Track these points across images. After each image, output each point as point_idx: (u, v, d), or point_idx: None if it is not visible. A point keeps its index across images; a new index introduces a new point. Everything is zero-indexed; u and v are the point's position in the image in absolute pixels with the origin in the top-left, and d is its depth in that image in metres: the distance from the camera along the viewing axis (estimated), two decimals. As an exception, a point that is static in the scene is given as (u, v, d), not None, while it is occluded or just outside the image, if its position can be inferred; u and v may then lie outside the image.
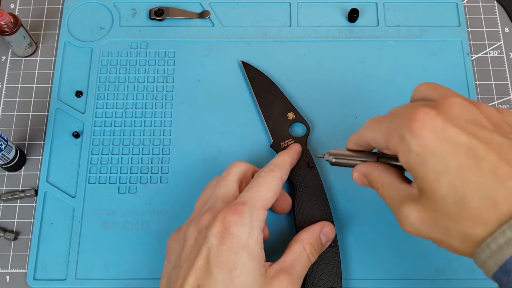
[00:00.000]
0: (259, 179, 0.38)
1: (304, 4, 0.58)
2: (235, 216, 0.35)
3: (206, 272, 0.33)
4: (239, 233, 0.34)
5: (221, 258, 0.34)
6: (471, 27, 0.57)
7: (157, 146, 0.51)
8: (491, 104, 0.54)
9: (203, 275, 0.33)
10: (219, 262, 0.33)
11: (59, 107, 0.53)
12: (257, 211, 0.36)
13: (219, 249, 0.34)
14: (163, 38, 0.56)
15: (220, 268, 0.33)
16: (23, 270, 0.48)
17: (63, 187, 0.50)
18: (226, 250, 0.34)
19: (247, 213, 0.35)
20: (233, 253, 0.34)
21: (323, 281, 0.42)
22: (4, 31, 0.51)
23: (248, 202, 0.36)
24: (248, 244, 0.34)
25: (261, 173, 0.39)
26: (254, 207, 0.36)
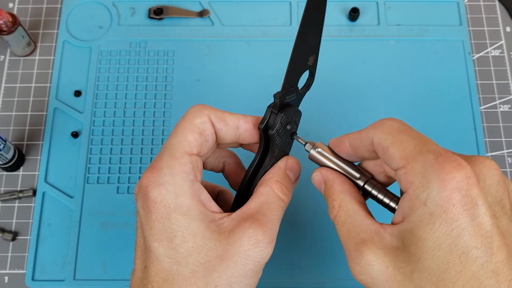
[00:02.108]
0: (177, 125, 0.31)
1: (304, 3, 0.57)
2: (151, 177, 0.28)
3: (146, 250, 0.29)
4: (162, 196, 0.28)
5: (154, 230, 0.28)
6: (472, 26, 0.57)
7: (157, 146, 0.51)
8: (491, 104, 0.54)
9: (145, 253, 0.29)
10: (153, 235, 0.28)
11: (57, 106, 0.53)
12: (178, 161, 0.29)
13: (149, 220, 0.28)
14: (162, 37, 0.55)
15: (157, 241, 0.28)
16: (22, 270, 0.47)
17: (62, 187, 0.50)
18: (155, 220, 0.28)
19: (165, 168, 0.29)
20: (165, 220, 0.28)
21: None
22: (3, 31, 0.51)
23: (164, 153, 0.29)
24: (179, 204, 0.28)
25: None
26: (172, 157, 0.29)
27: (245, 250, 0.28)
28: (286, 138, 0.34)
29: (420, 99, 0.53)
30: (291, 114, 0.34)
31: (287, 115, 0.33)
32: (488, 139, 0.52)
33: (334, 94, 0.53)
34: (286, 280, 0.46)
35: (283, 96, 0.33)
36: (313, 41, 0.35)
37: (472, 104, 0.53)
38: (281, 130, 0.33)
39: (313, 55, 0.35)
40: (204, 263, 0.28)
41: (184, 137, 0.30)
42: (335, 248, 0.47)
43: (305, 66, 0.35)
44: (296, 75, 0.34)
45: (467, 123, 0.52)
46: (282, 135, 0.34)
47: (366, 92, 0.53)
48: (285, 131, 0.34)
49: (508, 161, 0.51)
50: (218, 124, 0.33)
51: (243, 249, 0.28)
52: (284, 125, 0.34)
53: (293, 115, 0.34)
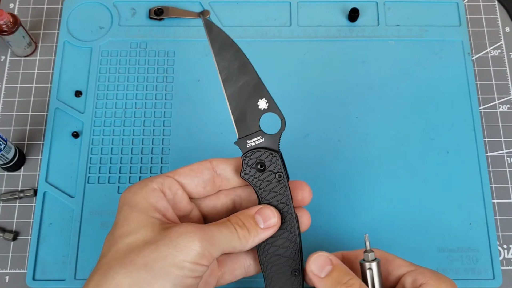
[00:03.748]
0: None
1: (304, 4, 0.57)
2: (128, 186, 0.35)
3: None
4: (124, 195, 0.34)
5: (115, 221, 0.34)
6: (472, 26, 0.57)
7: (157, 146, 0.51)
8: (491, 104, 0.54)
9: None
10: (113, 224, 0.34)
11: (58, 107, 0.53)
12: (157, 177, 0.35)
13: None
14: (162, 37, 0.56)
15: (112, 227, 0.34)
16: (22, 270, 0.47)
17: (63, 187, 0.50)
18: (117, 214, 0.34)
19: (142, 180, 0.35)
20: (118, 213, 0.34)
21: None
22: (4, 31, 0.51)
23: (157, 175, 0.36)
24: (131, 199, 0.34)
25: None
26: (157, 176, 0.35)
27: (173, 240, 0.31)
28: (272, 178, 0.35)
29: (419, 99, 0.53)
30: (258, 156, 0.35)
31: (250, 157, 0.35)
32: (487, 139, 0.52)
33: (334, 94, 0.53)
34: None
35: (242, 142, 0.36)
36: (247, 86, 0.37)
37: (472, 104, 0.53)
38: (252, 172, 0.35)
39: (263, 99, 0.36)
40: (130, 243, 0.31)
41: (180, 169, 0.36)
42: (336, 248, 0.47)
43: (257, 110, 0.36)
44: (249, 120, 0.36)
45: (466, 123, 0.52)
46: (263, 177, 0.35)
47: (366, 92, 0.53)
48: (259, 172, 0.35)
49: (508, 161, 0.52)
50: (170, 193, 0.35)
51: (172, 239, 0.31)
52: (255, 167, 0.35)
53: (262, 156, 0.35)
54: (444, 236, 0.48)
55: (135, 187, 0.35)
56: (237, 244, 0.34)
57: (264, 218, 0.35)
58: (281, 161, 0.35)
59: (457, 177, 0.50)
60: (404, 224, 0.48)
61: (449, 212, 0.49)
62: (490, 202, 0.49)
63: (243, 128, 0.36)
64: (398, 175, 0.50)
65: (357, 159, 0.51)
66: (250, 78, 0.37)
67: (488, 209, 0.49)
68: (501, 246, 0.48)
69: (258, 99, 0.36)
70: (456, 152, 0.51)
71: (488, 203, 0.49)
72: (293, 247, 0.35)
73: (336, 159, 0.51)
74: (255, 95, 0.36)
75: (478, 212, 0.49)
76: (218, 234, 0.33)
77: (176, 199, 0.36)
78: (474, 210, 0.49)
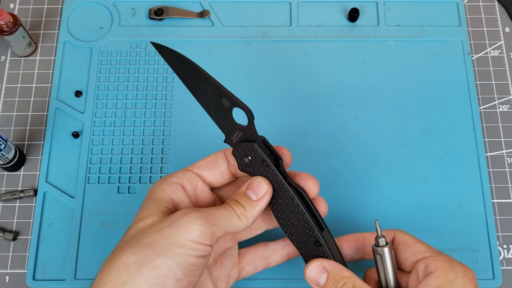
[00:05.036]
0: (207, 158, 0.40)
1: (304, 4, 0.57)
2: (157, 181, 0.38)
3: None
4: (149, 190, 0.38)
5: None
6: (472, 26, 0.57)
7: (157, 146, 0.51)
8: (491, 104, 0.54)
9: None
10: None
11: (58, 107, 0.53)
12: (178, 172, 0.38)
13: None
14: (162, 37, 0.56)
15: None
16: (23, 270, 0.47)
17: (63, 187, 0.50)
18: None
19: (167, 176, 0.38)
20: (141, 205, 0.37)
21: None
22: (4, 31, 0.51)
23: (177, 171, 0.39)
24: (151, 192, 0.37)
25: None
26: (179, 171, 0.38)
27: (175, 221, 0.33)
28: (259, 166, 0.37)
29: (419, 100, 0.53)
30: (241, 149, 0.37)
31: (239, 152, 0.37)
32: (487, 139, 0.52)
33: (334, 94, 0.53)
34: (286, 279, 0.46)
35: (228, 139, 0.38)
36: (208, 90, 0.39)
37: (471, 104, 0.53)
38: (245, 165, 0.38)
39: (223, 97, 0.38)
40: (139, 227, 0.34)
41: (198, 162, 0.39)
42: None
43: (225, 109, 0.38)
44: (225, 119, 0.39)
45: (466, 123, 0.52)
46: (253, 167, 0.37)
47: (366, 92, 0.53)
48: (250, 163, 0.37)
49: (508, 161, 0.52)
50: (189, 186, 0.38)
51: (174, 220, 0.33)
52: (243, 159, 0.37)
53: (245, 149, 0.37)
54: (444, 236, 0.48)
55: (158, 181, 0.38)
56: (237, 222, 0.35)
57: (254, 191, 0.37)
58: (260, 147, 0.37)
59: (457, 177, 0.50)
60: (404, 224, 0.48)
61: (449, 212, 0.49)
62: (490, 202, 0.49)
63: (225, 127, 0.39)
64: (398, 175, 0.50)
65: (357, 159, 0.51)
66: (207, 83, 0.39)
67: (488, 209, 0.49)
68: (501, 246, 0.48)
69: (221, 99, 0.38)
70: (456, 152, 0.51)
71: (488, 203, 0.49)
72: (303, 217, 0.37)
73: (336, 159, 0.51)
74: (217, 97, 0.38)
75: (478, 212, 0.49)
76: (218, 215, 0.34)
77: (197, 192, 0.38)
78: (474, 210, 0.49)
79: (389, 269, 0.36)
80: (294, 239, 0.37)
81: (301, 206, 0.37)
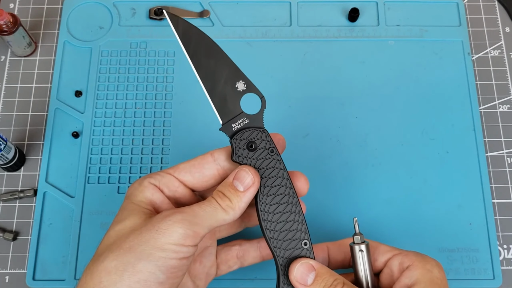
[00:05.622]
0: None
1: (304, 4, 0.57)
2: (134, 181, 0.38)
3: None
4: (127, 191, 0.37)
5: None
6: (472, 26, 0.57)
7: (157, 146, 0.51)
8: (491, 104, 0.54)
9: None
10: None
11: (58, 107, 0.53)
12: (156, 173, 0.37)
13: None
14: (162, 37, 0.56)
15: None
16: (22, 270, 0.47)
17: (63, 187, 0.50)
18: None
19: (145, 176, 0.37)
20: (122, 205, 0.36)
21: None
22: (4, 31, 0.51)
23: (159, 171, 0.38)
24: (131, 193, 0.36)
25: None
26: (158, 172, 0.37)
27: (155, 225, 0.32)
28: (265, 155, 0.36)
29: (419, 100, 0.53)
30: (247, 136, 0.36)
31: (241, 139, 0.36)
32: (487, 139, 0.52)
33: (334, 94, 0.53)
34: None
35: (227, 126, 0.36)
36: (222, 70, 0.37)
37: (472, 104, 0.53)
38: (244, 153, 0.36)
39: (240, 81, 0.37)
40: (119, 230, 0.34)
41: (180, 164, 0.38)
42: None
43: (236, 93, 0.37)
44: (230, 104, 0.37)
45: (466, 123, 0.52)
46: (255, 156, 0.36)
47: (366, 92, 0.53)
48: (251, 152, 0.36)
49: (508, 161, 0.52)
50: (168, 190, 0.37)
51: (154, 224, 0.32)
52: (245, 147, 0.36)
53: (251, 135, 0.36)
54: (444, 236, 0.48)
55: (136, 182, 0.37)
56: (224, 215, 0.34)
57: (241, 181, 0.35)
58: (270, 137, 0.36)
59: (457, 177, 0.50)
60: (404, 224, 0.48)
61: (449, 212, 0.49)
62: (490, 202, 0.49)
63: (226, 113, 0.37)
64: (398, 175, 0.50)
65: (357, 159, 0.51)
66: (224, 63, 0.37)
67: (488, 209, 0.49)
68: (501, 246, 0.48)
69: (236, 82, 0.37)
70: (456, 152, 0.51)
71: (488, 203, 0.49)
72: (299, 218, 0.36)
73: (336, 159, 0.51)
74: (232, 79, 0.37)
75: (478, 212, 0.49)
76: (201, 212, 0.34)
77: (176, 195, 0.37)
78: (474, 210, 0.49)
79: (367, 266, 0.36)
80: (274, 238, 0.35)
81: (299, 204, 0.36)
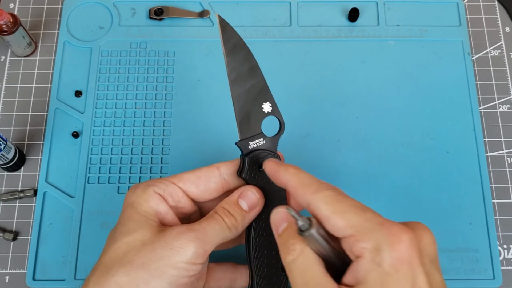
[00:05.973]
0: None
1: (304, 4, 0.57)
2: (133, 186, 0.37)
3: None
4: (128, 196, 0.36)
5: (118, 220, 0.36)
6: (472, 26, 0.57)
7: (157, 146, 0.51)
8: (491, 104, 0.54)
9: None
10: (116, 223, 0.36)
11: (58, 107, 0.53)
12: (160, 181, 0.36)
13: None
14: (162, 37, 0.56)
15: (115, 225, 0.35)
16: (22, 270, 0.47)
17: (63, 187, 0.50)
18: (121, 214, 0.36)
19: (146, 182, 0.36)
20: (122, 213, 0.35)
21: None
22: (4, 31, 0.51)
23: (162, 178, 0.37)
24: (134, 201, 0.35)
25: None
26: (161, 180, 0.36)
27: (168, 242, 0.32)
28: (268, 179, 0.36)
29: (419, 100, 0.53)
30: (260, 156, 0.37)
31: (253, 158, 0.36)
32: (487, 139, 0.52)
33: (334, 94, 0.53)
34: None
35: (245, 143, 0.37)
36: (254, 88, 0.38)
37: (472, 104, 0.53)
38: (253, 173, 0.37)
39: (267, 102, 0.38)
40: (129, 243, 0.33)
41: (183, 174, 0.37)
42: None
43: (261, 113, 0.38)
44: (253, 122, 0.38)
45: (466, 123, 0.52)
46: (260, 177, 0.37)
47: (366, 92, 0.53)
48: (260, 173, 0.37)
49: (508, 161, 0.52)
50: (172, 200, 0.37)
51: (167, 241, 0.32)
52: (256, 167, 0.37)
53: (264, 157, 0.37)
54: (444, 236, 0.48)
55: (139, 189, 0.36)
56: (228, 233, 0.35)
57: (248, 201, 0.36)
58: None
59: (457, 177, 0.50)
60: (404, 224, 0.48)
61: (449, 212, 0.49)
62: (490, 202, 0.49)
63: (246, 129, 0.37)
64: (398, 175, 0.50)
65: (357, 159, 0.51)
66: (258, 81, 0.38)
67: (488, 209, 0.49)
68: (501, 246, 0.48)
69: (263, 102, 0.38)
70: (456, 152, 0.51)
71: (488, 203, 0.49)
72: None
73: (336, 159, 0.51)
74: (260, 98, 0.38)
75: (478, 212, 0.49)
76: (210, 230, 0.34)
77: (178, 205, 0.37)
78: (474, 210, 0.49)
79: (326, 246, 0.30)
80: (258, 262, 0.36)
81: None
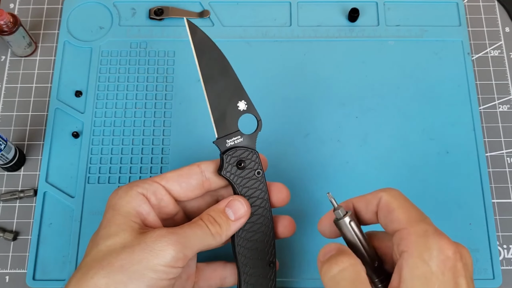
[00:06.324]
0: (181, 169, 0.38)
1: (304, 4, 0.57)
2: (117, 188, 0.37)
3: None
4: (111, 198, 0.36)
5: (100, 222, 0.36)
6: (472, 26, 0.57)
7: (157, 146, 0.51)
8: (491, 104, 0.54)
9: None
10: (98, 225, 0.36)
11: (58, 107, 0.53)
12: (144, 182, 0.36)
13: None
14: (162, 37, 0.56)
15: (97, 228, 0.35)
16: (23, 270, 0.47)
17: (63, 187, 0.50)
18: (103, 216, 0.36)
19: (130, 183, 0.36)
20: (104, 215, 0.35)
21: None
22: (4, 31, 0.51)
23: (146, 178, 0.37)
24: (116, 203, 0.35)
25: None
26: (145, 180, 0.37)
27: (148, 245, 0.32)
28: (251, 175, 0.38)
29: (419, 99, 0.53)
30: (238, 154, 0.38)
31: (231, 155, 0.37)
32: (487, 139, 0.52)
33: (334, 94, 0.53)
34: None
35: (222, 141, 0.38)
36: (228, 88, 0.39)
37: (471, 104, 0.53)
38: (232, 170, 0.37)
39: (242, 101, 0.39)
40: (109, 245, 0.33)
41: (167, 173, 0.37)
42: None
43: (236, 111, 0.39)
44: (229, 120, 0.38)
45: (466, 123, 0.52)
46: (243, 175, 0.37)
47: (366, 92, 0.53)
48: (239, 170, 0.37)
49: (508, 161, 0.52)
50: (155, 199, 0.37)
51: (148, 243, 0.32)
52: (234, 164, 0.37)
53: (242, 155, 0.38)
54: (444, 236, 0.48)
55: (121, 190, 0.36)
56: (211, 241, 0.35)
57: (234, 210, 0.37)
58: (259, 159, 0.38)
59: (457, 177, 0.50)
60: (404, 224, 0.48)
61: (449, 212, 0.49)
62: (490, 202, 0.49)
63: (223, 128, 0.38)
64: (398, 175, 0.50)
65: (357, 159, 0.51)
66: (231, 81, 0.39)
67: (488, 209, 0.49)
68: (501, 246, 0.48)
69: (238, 101, 0.39)
70: (456, 152, 0.51)
71: (488, 203, 0.49)
72: (269, 239, 0.38)
73: (336, 159, 0.51)
74: (235, 97, 0.39)
75: (478, 212, 0.49)
76: (192, 236, 0.34)
77: (161, 204, 0.37)
78: (474, 210, 0.49)
79: (360, 236, 0.33)
80: (245, 260, 0.37)
81: (272, 226, 0.38)
